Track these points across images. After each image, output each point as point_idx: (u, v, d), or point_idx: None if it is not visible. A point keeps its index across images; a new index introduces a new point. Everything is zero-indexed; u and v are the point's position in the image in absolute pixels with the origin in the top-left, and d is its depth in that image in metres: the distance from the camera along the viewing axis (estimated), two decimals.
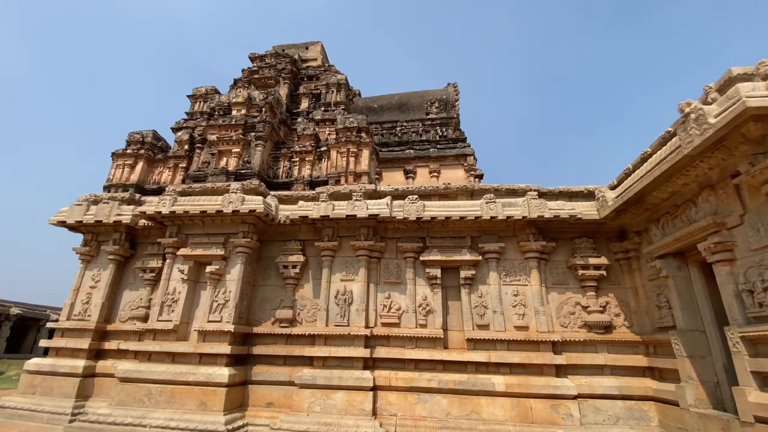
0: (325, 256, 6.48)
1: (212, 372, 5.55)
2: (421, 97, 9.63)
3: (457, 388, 5.48)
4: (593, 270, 6.01)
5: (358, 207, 6.18)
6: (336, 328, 6.00)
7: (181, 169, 8.00)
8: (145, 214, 6.50)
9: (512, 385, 5.40)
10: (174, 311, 6.18)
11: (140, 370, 5.72)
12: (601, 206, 5.89)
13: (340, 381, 5.56)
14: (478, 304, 6.03)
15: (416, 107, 9.52)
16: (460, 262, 6.16)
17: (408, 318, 6.07)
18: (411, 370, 5.80)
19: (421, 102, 9.56)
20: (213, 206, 6.29)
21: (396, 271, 6.44)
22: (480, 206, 6.11)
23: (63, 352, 6.57)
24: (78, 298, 6.93)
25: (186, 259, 6.47)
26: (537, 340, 5.65)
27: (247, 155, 7.33)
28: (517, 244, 6.27)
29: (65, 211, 7.21)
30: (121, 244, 7.12)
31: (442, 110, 9.45)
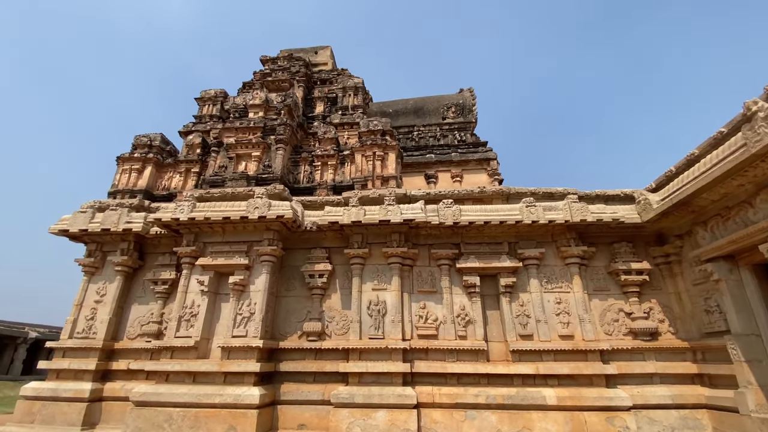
0: (355, 264, 6.12)
1: (241, 392, 5.07)
2: (436, 102, 9.49)
3: (506, 403, 5.17)
4: (635, 275, 5.85)
5: (392, 212, 5.88)
6: (370, 341, 5.62)
7: (194, 174, 7.54)
8: (160, 221, 6.02)
9: (564, 398, 5.12)
10: (193, 326, 5.69)
11: (159, 392, 5.19)
12: (644, 209, 5.76)
13: (380, 399, 5.17)
14: (520, 313, 5.77)
15: (432, 112, 9.36)
16: (499, 269, 5.90)
17: (446, 329, 5.75)
18: (453, 384, 5.46)
19: (437, 107, 9.41)
20: (237, 212, 5.88)
21: (430, 279, 6.13)
22: (520, 210, 5.90)
23: (65, 375, 5.95)
24: (81, 313, 6.33)
25: (205, 269, 6.01)
26: (585, 349, 5.41)
27: (267, 159, 6.95)
28: (557, 250, 6.07)
29: (67, 219, 6.64)
30: (129, 255, 6.58)
31: (458, 115, 9.32)
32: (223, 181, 6.73)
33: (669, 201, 5.26)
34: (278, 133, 7.08)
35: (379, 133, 7.21)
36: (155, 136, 7.76)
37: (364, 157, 7.03)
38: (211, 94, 9.00)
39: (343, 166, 7.37)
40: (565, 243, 6.02)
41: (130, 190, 7.24)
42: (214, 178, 6.75)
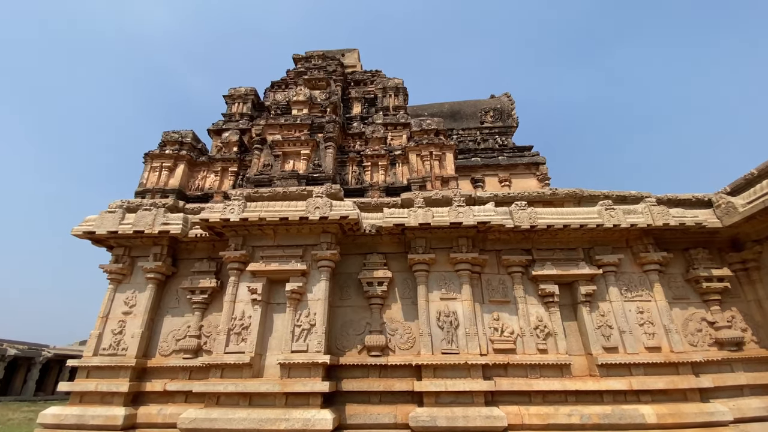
0: (419, 271, 5.63)
1: (310, 416, 4.44)
2: (473, 106, 9.24)
3: (602, 423, 4.71)
4: (717, 282, 5.59)
5: (463, 214, 5.45)
6: (444, 356, 5.09)
7: (231, 174, 6.94)
8: (206, 222, 5.39)
9: (664, 415, 4.71)
10: (246, 340, 5.04)
11: (212, 417, 4.49)
12: (726, 213, 5.54)
13: (465, 421, 4.62)
14: (602, 323, 5.38)
15: (469, 116, 9.11)
16: (577, 276, 5.53)
17: (526, 342, 5.29)
18: (539, 403, 4.98)
19: (474, 111, 9.16)
20: (296, 212, 5.33)
21: (501, 288, 5.68)
22: (599, 213, 5.58)
23: (90, 398, 5.15)
24: (107, 327, 5.57)
25: (256, 276, 5.39)
26: (677, 362, 5.04)
27: (316, 158, 6.45)
28: (633, 256, 5.75)
29: (93, 219, 5.92)
30: (163, 260, 5.90)
31: (497, 119, 9.09)
32: (269, 181, 6.17)
33: (760, 204, 5.04)
34: (327, 131, 6.61)
35: (433, 133, 6.84)
36: (186, 132, 7.15)
37: (419, 158, 6.62)
38: (242, 91, 8.47)
39: (394, 167, 6.93)
40: (642, 249, 5.71)
41: (162, 190, 6.57)
42: (259, 177, 6.18)
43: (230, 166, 6.96)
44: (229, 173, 6.96)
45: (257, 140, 6.67)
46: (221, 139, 7.31)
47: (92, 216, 5.98)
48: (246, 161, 7.03)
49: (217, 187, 6.87)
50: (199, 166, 7.10)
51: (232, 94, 8.55)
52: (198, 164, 7.10)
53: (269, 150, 6.61)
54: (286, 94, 7.20)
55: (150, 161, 6.88)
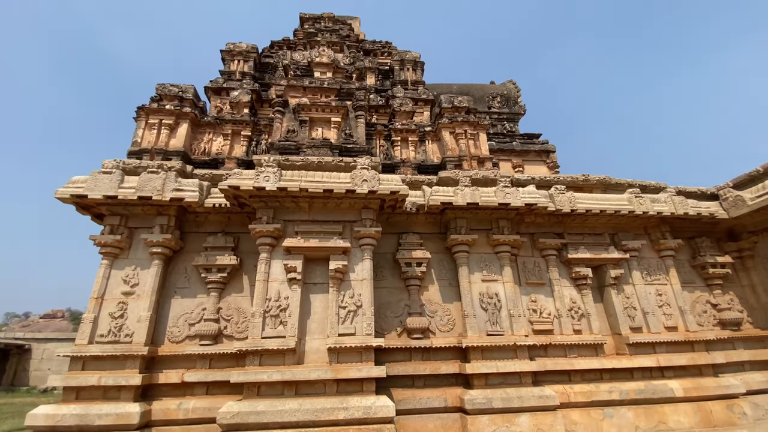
0: (460, 252, 5.46)
1: (370, 404, 4.11)
2: (481, 90, 9.15)
3: (639, 398, 4.98)
4: (719, 268, 6.14)
5: (511, 195, 5.35)
6: (490, 338, 5.02)
7: (243, 138, 6.13)
8: (237, 190, 4.69)
9: (689, 389, 5.10)
10: (287, 323, 4.52)
11: (259, 410, 3.97)
12: (732, 206, 6.06)
13: (520, 402, 4.60)
14: (628, 305, 5.66)
15: (478, 100, 9.01)
16: (607, 260, 5.73)
17: (563, 323, 5.40)
18: (578, 382, 5.12)
19: (482, 95, 9.08)
20: (341, 185, 4.83)
21: (537, 270, 5.72)
22: (629, 200, 5.80)
23: (90, 393, 4.30)
24: (104, 309, 4.67)
25: (292, 253, 4.84)
26: (693, 340, 5.47)
27: (346, 127, 5.92)
28: (651, 242, 6.10)
29: (82, 180, 4.88)
30: (171, 233, 5.07)
31: (503, 105, 9.10)
32: (297, 148, 5.54)
33: None
34: (357, 98, 6.09)
35: (464, 111, 6.62)
36: (187, 87, 6.17)
37: (453, 136, 6.37)
38: (242, 48, 7.52)
39: (423, 144, 6.62)
40: (660, 236, 6.08)
41: (163, 151, 5.62)
42: (285, 144, 5.52)
43: (242, 129, 6.13)
44: (242, 137, 6.13)
45: (279, 102, 5.92)
46: (229, 98, 6.39)
47: (80, 177, 4.93)
48: (260, 125, 6.25)
49: (228, 152, 6.02)
50: (203, 127, 6.17)
51: (231, 50, 7.55)
52: (202, 125, 6.16)
53: (292, 114, 5.92)
54: (308, 54, 6.48)
55: (145, 117, 5.82)
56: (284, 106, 5.91)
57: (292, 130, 5.71)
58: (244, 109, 6.36)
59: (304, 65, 6.34)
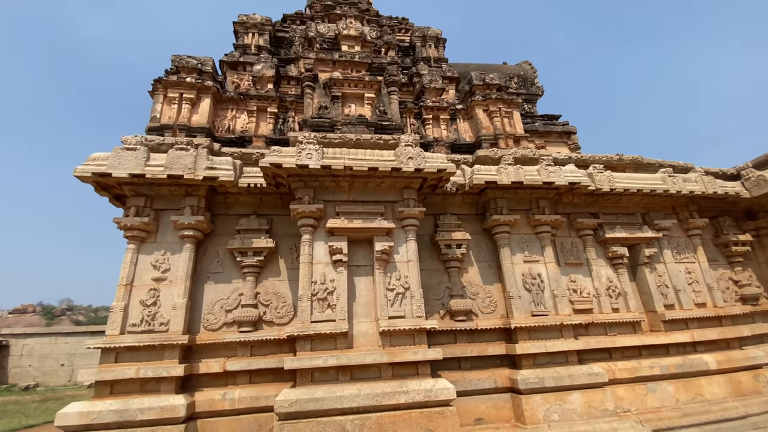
0: (501, 233, 5.36)
1: (430, 386, 3.99)
2: (498, 71, 9.00)
3: (677, 372, 5.09)
4: (740, 246, 6.31)
5: (554, 173, 5.27)
6: (535, 318, 4.98)
7: (270, 115, 5.76)
8: (280, 168, 4.39)
9: (721, 362, 5.25)
10: (335, 307, 4.32)
11: (317, 397, 3.78)
12: (755, 185, 6.20)
13: (571, 380, 4.60)
14: (660, 283, 5.74)
15: None
16: (641, 239, 5.78)
17: (602, 302, 5.43)
18: (619, 359, 5.18)
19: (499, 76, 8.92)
20: (386, 163, 4.61)
21: (574, 250, 5.71)
22: (663, 180, 5.83)
23: (126, 387, 3.99)
24: (134, 297, 4.33)
25: (335, 234, 4.61)
26: (722, 315, 5.63)
27: (379, 104, 5.66)
28: (679, 222, 6.19)
29: (103, 157, 4.45)
30: (202, 214, 4.73)
31: (521, 86, 8.99)
32: (331, 125, 5.24)
33: None
34: (390, 74, 5.82)
35: (495, 88, 6.46)
36: (206, 59, 5.71)
37: (486, 114, 6.21)
38: (257, 20, 7.04)
39: (454, 122, 6.43)
40: (688, 215, 6.18)
41: (186, 127, 5.21)
42: (318, 121, 5.21)
43: (269, 105, 5.75)
44: (268, 114, 5.75)
45: (309, 77, 5.57)
46: (252, 72, 5.97)
47: (101, 154, 4.49)
48: (286, 101, 5.88)
49: (254, 130, 5.65)
50: (225, 103, 5.75)
51: (245, 22, 7.06)
52: (224, 101, 5.74)
53: (323, 90, 5.59)
54: (334, 27, 6.10)
55: (163, 90, 5.36)
56: (314, 81, 5.57)
57: (324, 107, 5.39)
58: (268, 84, 5.97)
59: (331, 38, 5.97)
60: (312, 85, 5.54)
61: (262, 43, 6.91)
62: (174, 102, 5.31)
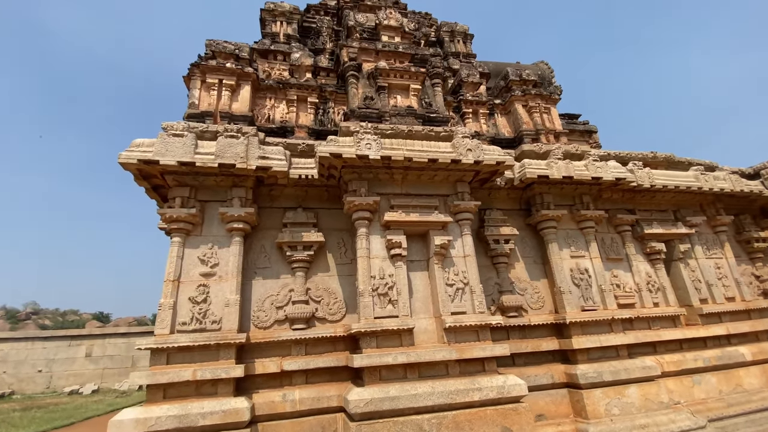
0: (548, 228, 5.34)
1: (502, 383, 3.90)
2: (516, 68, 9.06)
3: (719, 364, 5.21)
4: (762, 243, 6.56)
5: (601, 169, 5.30)
6: (586, 313, 4.98)
7: (310, 105, 5.54)
8: (340, 158, 4.20)
9: (755, 353, 5.43)
10: (397, 303, 4.17)
11: (392, 396, 3.62)
12: None
13: (627, 374, 4.61)
14: (694, 278, 5.88)
15: None
16: (675, 235, 5.90)
17: (644, 297, 5.50)
18: (663, 352, 5.26)
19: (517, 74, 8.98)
20: (446, 154, 4.49)
21: (615, 246, 5.77)
22: (696, 177, 5.98)
23: (179, 390, 3.69)
24: (182, 294, 4.03)
25: (390, 228, 4.46)
26: (751, 308, 5.82)
27: (424, 96, 5.55)
28: (707, 219, 6.36)
29: (149, 144, 4.13)
30: (250, 206, 4.48)
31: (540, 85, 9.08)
32: (379, 116, 5.08)
33: None
34: (433, 65, 5.71)
35: (532, 84, 6.48)
36: (241, 45, 5.44)
37: (526, 109, 6.20)
38: (286, 8, 6.79)
39: (492, 117, 6.39)
40: (715, 212, 6.37)
41: (228, 115, 4.92)
42: (366, 112, 5.04)
43: (309, 95, 5.52)
44: (308, 104, 5.52)
45: (353, 66, 5.37)
46: (290, 62, 5.72)
47: (144, 140, 4.17)
48: (326, 91, 5.67)
49: (295, 120, 5.40)
50: (263, 92, 5.48)
51: (273, 10, 6.79)
52: (262, 89, 5.47)
53: (366, 80, 5.42)
54: (373, 17, 5.94)
55: (201, 76, 5.04)
56: (357, 71, 5.39)
57: (370, 97, 5.22)
58: (306, 74, 5.75)
59: (370, 28, 5.80)
60: (356, 74, 5.35)
61: (290, 32, 6.67)
62: (213, 88, 5.02)
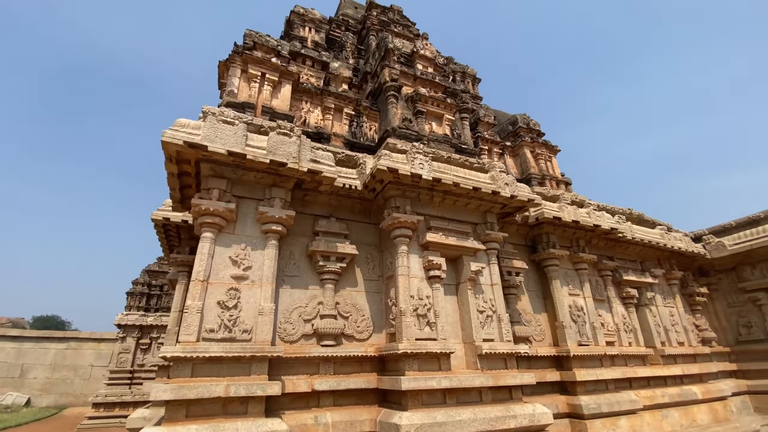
0: (552, 266, 5.80)
1: (532, 411, 4.03)
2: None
3: (679, 400, 5.91)
4: (701, 297, 7.74)
5: (600, 218, 5.95)
6: (583, 347, 5.41)
7: (346, 116, 5.46)
8: (395, 173, 4.18)
9: (703, 392, 6.26)
10: (435, 325, 4.17)
11: (439, 421, 3.53)
12: (715, 249, 7.75)
13: (619, 406, 5.05)
14: (656, 323, 6.71)
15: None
16: (645, 283, 6.73)
17: (622, 336, 6.11)
18: (637, 388, 5.83)
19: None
20: (487, 185, 4.72)
21: (599, 288, 6.39)
22: (661, 235, 6.95)
23: (204, 408, 3.21)
24: (210, 297, 3.60)
25: (429, 249, 4.50)
26: (697, 353, 6.76)
27: (455, 127, 5.82)
28: (665, 272, 7.37)
29: (194, 126, 3.74)
30: (289, 208, 4.23)
31: None
32: (418, 139, 5.20)
33: (746, 246, 7.31)
34: (463, 100, 6.05)
35: (536, 133, 7.12)
36: (282, 43, 5.27)
37: (532, 155, 6.77)
38: (316, 16, 6.76)
39: (502, 158, 6.86)
40: (669, 267, 7.41)
41: (270, 111, 4.65)
42: (406, 132, 5.12)
43: (345, 106, 5.44)
44: (344, 115, 5.42)
45: (394, 86, 5.44)
46: (329, 70, 5.61)
47: (189, 121, 3.77)
48: (362, 105, 5.65)
49: (330, 128, 5.27)
50: (300, 94, 5.27)
51: (303, 14, 6.69)
52: (299, 91, 5.27)
53: (405, 102, 5.53)
54: (410, 45, 6.13)
55: (242, 65, 4.73)
56: (398, 92, 5.50)
57: (408, 119, 5.33)
58: (343, 84, 5.70)
59: (406, 54, 6.00)
60: (396, 95, 5.45)
61: (318, 40, 6.62)
62: (255, 80, 4.74)
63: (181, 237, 5.69)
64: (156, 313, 13.00)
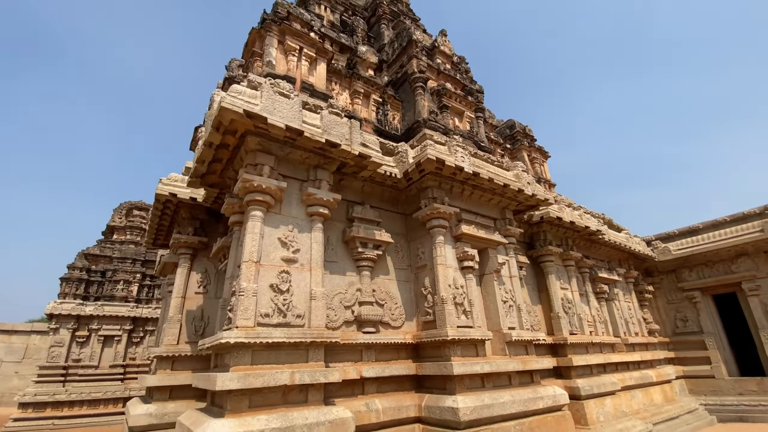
0: (549, 262, 6.30)
1: (554, 392, 4.38)
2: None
3: (641, 383, 6.78)
4: (648, 294, 8.91)
5: (588, 220, 6.58)
6: (574, 336, 5.98)
7: (373, 102, 5.37)
8: (441, 164, 4.24)
9: (659, 376, 7.25)
10: (471, 313, 4.33)
11: (487, 404, 3.69)
12: (661, 253, 8.96)
13: (604, 388, 5.66)
14: (620, 315, 7.61)
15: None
16: (613, 281, 7.58)
17: (598, 326, 6.83)
18: (611, 372, 6.58)
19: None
20: (515, 182, 4.99)
21: (579, 283, 7.05)
22: (626, 239, 7.87)
23: (266, 398, 3.01)
24: (262, 279, 3.37)
25: (461, 240, 4.66)
26: (648, 342, 7.81)
27: (474, 124, 6.03)
28: (625, 271, 8.35)
29: (250, 94, 3.45)
30: (334, 191, 4.09)
31: None
32: (445, 132, 5.32)
33: (687, 251, 8.57)
34: (479, 99, 6.29)
35: (530, 138, 7.62)
36: (314, 18, 5.05)
37: (529, 159, 7.23)
38: None
39: (503, 157, 7.22)
40: (628, 267, 8.42)
41: (310, 88, 4.43)
42: (434, 125, 5.21)
43: (373, 92, 5.32)
44: (371, 101, 5.32)
45: (420, 78, 5.46)
46: (356, 54, 5.45)
47: (245, 88, 3.46)
48: (388, 94, 5.58)
49: (359, 113, 5.14)
50: (330, 74, 5.07)
51: None
52: (330, 71, 5.07)
53: (429, 95, 5.58)
54: (425, 37, 6.15)
55: (279, 36, 4.40)
56: (425, 83, 5.54)
57: (434, 112, 5.41)
58: (369, 70, 5.60)
59: (427, 47, 6.06)
60: (423, 87, 5.49)
61: (333, 20, 6.42)
62: (293, 54, 4.47)
63: (182, 216, 5.17)
64: (97, 302, 11.56)
